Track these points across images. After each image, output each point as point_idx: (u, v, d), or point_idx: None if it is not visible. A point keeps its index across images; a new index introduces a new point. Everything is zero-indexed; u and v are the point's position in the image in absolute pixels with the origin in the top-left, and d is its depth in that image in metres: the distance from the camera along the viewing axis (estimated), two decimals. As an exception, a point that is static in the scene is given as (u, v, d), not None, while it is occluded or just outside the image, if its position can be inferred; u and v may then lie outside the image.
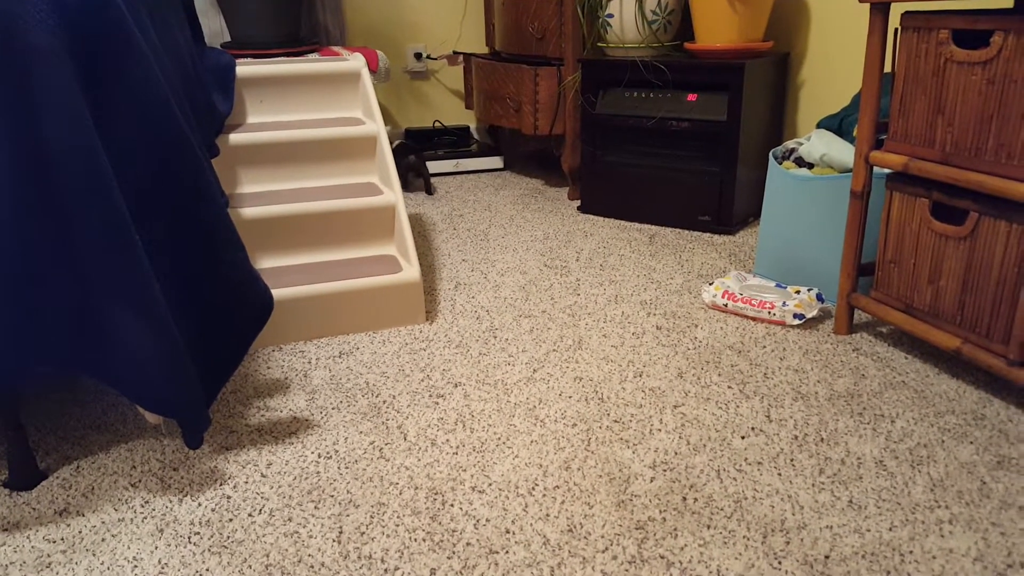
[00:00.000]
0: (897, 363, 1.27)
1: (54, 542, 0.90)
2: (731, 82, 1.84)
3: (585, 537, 0.88)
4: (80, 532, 0.91)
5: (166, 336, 0.91)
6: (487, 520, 0.91)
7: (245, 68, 1.68)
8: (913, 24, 1.16)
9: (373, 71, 2.34)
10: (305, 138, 1.61)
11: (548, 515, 0.92)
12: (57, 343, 0.87)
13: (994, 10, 1.07)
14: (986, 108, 1.07)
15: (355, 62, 1.77)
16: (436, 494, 0.96)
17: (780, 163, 1.58)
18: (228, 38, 2.11)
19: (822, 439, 1.06)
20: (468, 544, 0.87)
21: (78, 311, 0.87)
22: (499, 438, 1.08)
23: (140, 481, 1.01)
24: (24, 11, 0.83)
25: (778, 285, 1.51)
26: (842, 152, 1.45)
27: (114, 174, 0.89)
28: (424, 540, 0.88)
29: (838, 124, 1.57)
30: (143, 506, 0.96)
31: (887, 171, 1.31)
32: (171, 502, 0.96)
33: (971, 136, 1.10)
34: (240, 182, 1.60)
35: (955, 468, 0.99)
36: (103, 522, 0.93)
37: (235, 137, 1.56)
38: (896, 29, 1.19)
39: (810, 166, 1.54)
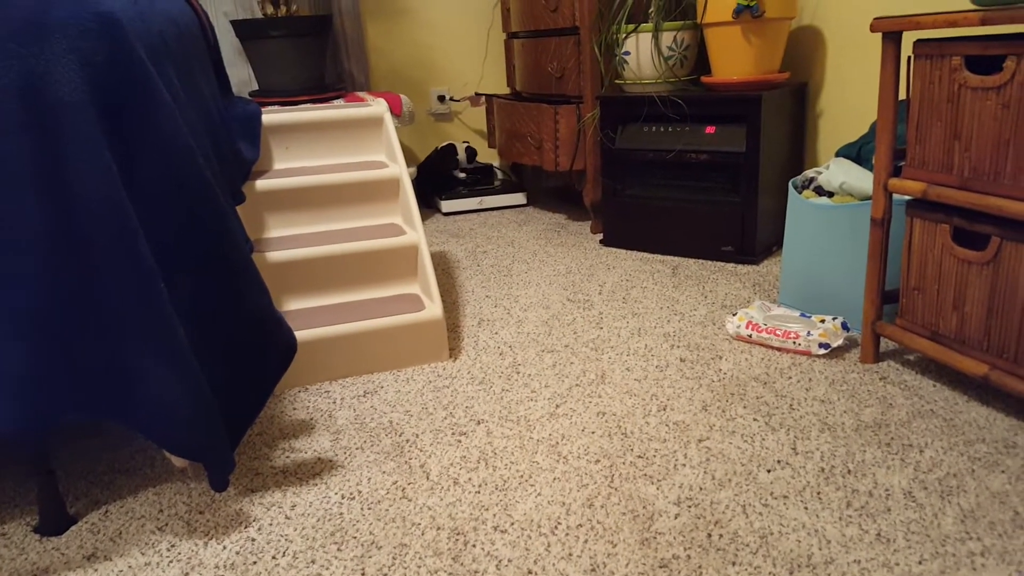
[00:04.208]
0: (925, 391, 1.24)
1: (85, 585, 0.92)
2: (749, 113, 1.85)
3: (607, 576, 0.87)
4: None
5: (191, 382, 0.93)
6: (509, 560, 0.91)
7: (271, 116, 1.74)
8: (926, 52, 1.16)
9: (397, 115, 2.40)
10: (329, 182, 1.66)
11: (571, 554, 0.91)
12: (85, 390, 0.90)
13: (1006, 35, 1.07)
14: (1002, 132, 1.06)
15: (378, 107, 1.82)
16: (458, 534, 0.96)
17: (800, 192, 1.58)
18: (256, 87, 2.20)
19: (849, 471, 1.04)
20: (489, 584, 0.87)
21: (105, 359, 0.90)
22: (521, 476, 1.08)
23: (167, 524, 1.03)
24: (52, 67, 0.87)
25: (803, 315, 1.49)
26: (861, 180, 1.45)
27: (140, 224, 0.93)
28: (445, 581, 0.88)
29: (856, 152, 1.56)
30: (169, 550, 0.97)
31: (907, 198, 1.30)
32: (196, 545, 0.98)
33: (989, 161, 1.09)
34: (267, 227, 1.65)
35: (986, 498, 0.96)
36: (130, 566, 0.95)
37: (261, 183, 1.61)
38: (909, 57, 1.20)
39: (830, 195, 1.53)
